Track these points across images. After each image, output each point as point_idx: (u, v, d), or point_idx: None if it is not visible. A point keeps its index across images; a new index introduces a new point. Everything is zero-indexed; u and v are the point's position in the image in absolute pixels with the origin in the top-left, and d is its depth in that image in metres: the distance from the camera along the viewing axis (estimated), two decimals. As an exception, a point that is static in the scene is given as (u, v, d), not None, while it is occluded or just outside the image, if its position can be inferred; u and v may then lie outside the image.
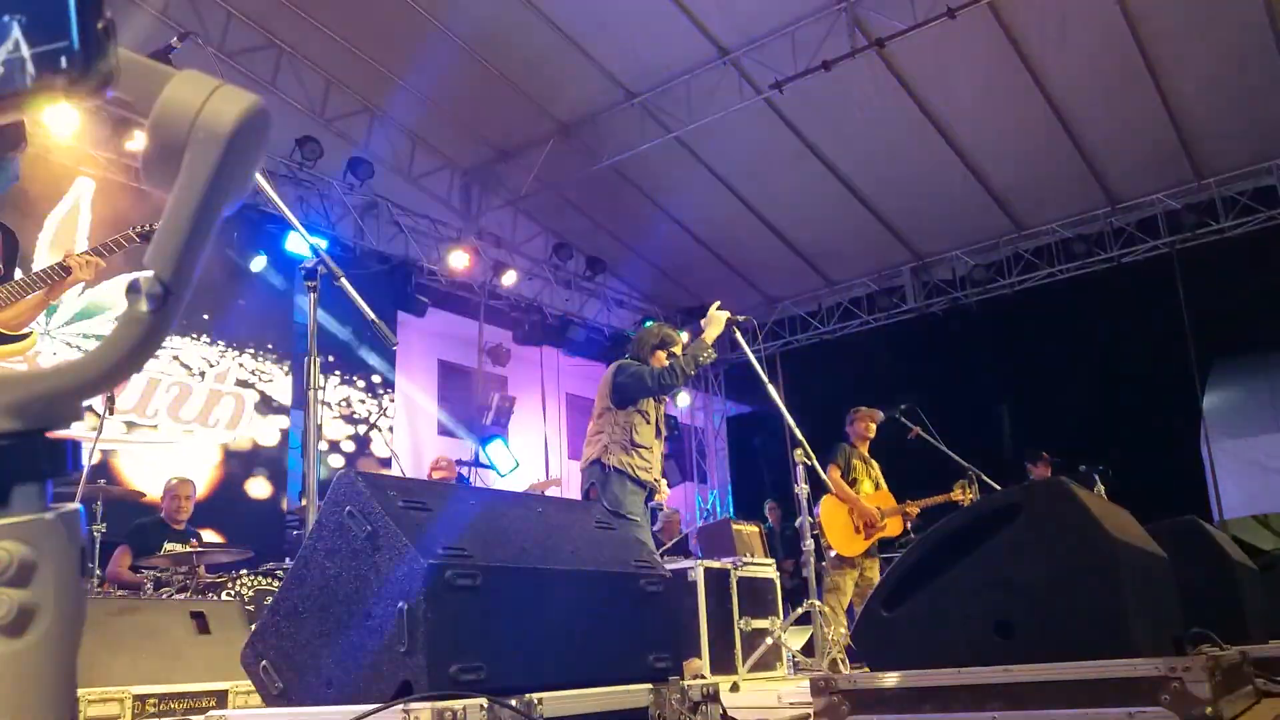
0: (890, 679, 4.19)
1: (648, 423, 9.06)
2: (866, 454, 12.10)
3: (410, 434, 17.68)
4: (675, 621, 4.68)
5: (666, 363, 9.08)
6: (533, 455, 19.42)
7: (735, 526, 12.14)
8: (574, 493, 10.82)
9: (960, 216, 18.26)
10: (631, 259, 19.96)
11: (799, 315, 21.73)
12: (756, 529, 12.46)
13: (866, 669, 4.37)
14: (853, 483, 11.77)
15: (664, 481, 9.17)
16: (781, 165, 16.83)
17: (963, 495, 11.74)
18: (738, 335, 9.06)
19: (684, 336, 10.22)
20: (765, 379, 8.83)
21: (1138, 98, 15.10)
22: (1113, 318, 18.14)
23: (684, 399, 22.59)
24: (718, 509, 22.57)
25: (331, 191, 16.10)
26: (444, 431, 18.35)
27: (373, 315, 5.47)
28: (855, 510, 11.55)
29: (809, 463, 8.90)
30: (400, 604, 3.54)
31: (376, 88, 15.49)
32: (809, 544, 8.82)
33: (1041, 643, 4.01)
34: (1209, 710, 3.59)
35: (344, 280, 5.52)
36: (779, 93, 14.40)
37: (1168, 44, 14.11)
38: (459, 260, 17.48)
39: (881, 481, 12.11)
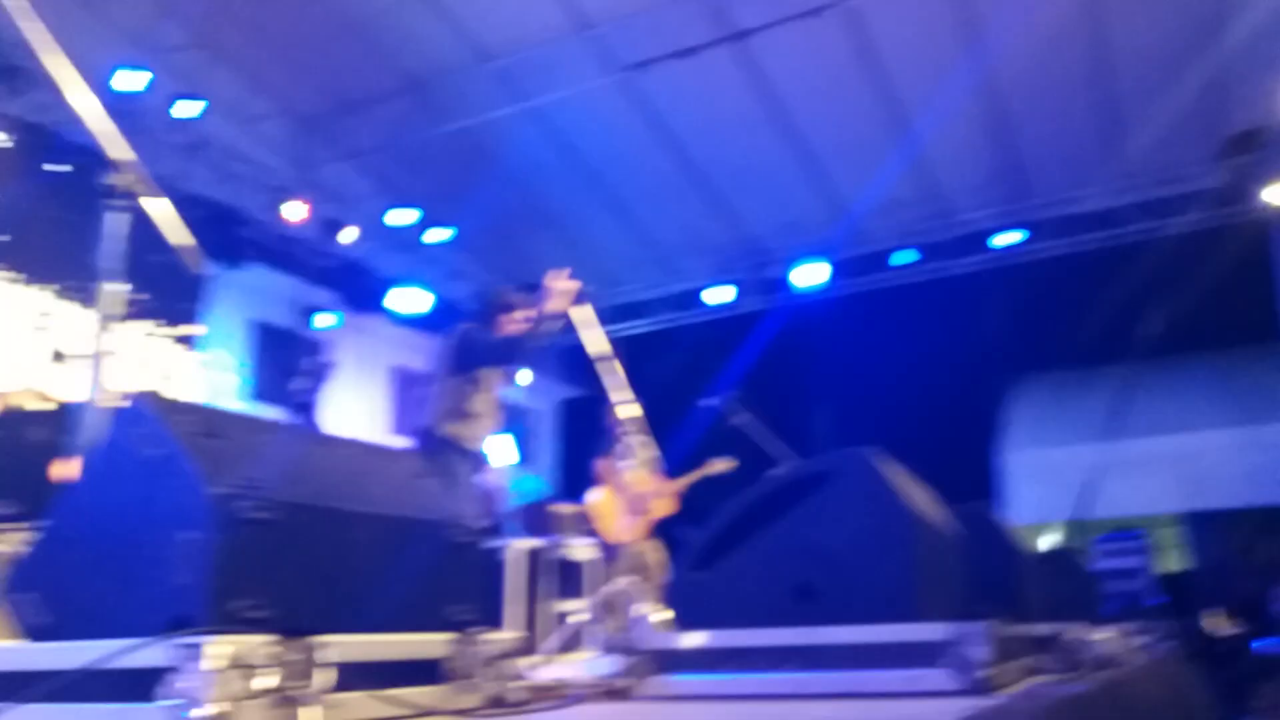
0: (691, 639, 4.20)
1: (483, 392, 8.69)
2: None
3: (215, 397, 16.38)
4: (485, 576, 4.63)
5: (514, 330, 8.72)
6: (349, 430, 17.49)
7: (555, 508, 12.03)
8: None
9: (805, 219, 18.38)
10: (474, 228, 19.13)
11: (639, 301, 21.60)
12: (578, 510, 12.33)
13: (676, 634, 4.40)
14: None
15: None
16: (635, 148, 16.69)
17: (724, 466, 11.93)
18: (582, 310, 8.72)
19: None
20: (606, 357, 8.60)
21: (978, 117, 15.34)
22: (930, 329, 18.58)
23: (525, 375, 22.02)
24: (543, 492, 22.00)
25: (151, 125, 14.55)
26: (255, 397, 17.11)
27: (182, 240, 5.19)
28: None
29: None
30: (183, 534, 3.40)
31: (211, 22, 14.55)
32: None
33: (839, 606, 4.10)
34: (984, 674, 3.83)
35: (150, 200, 5.14)
36: (638, 73, 14.24)
37: (1008, 66, 14.33)
38: (294, 212, 16.38)
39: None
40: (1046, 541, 15.61)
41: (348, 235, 17.25)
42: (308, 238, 17.32)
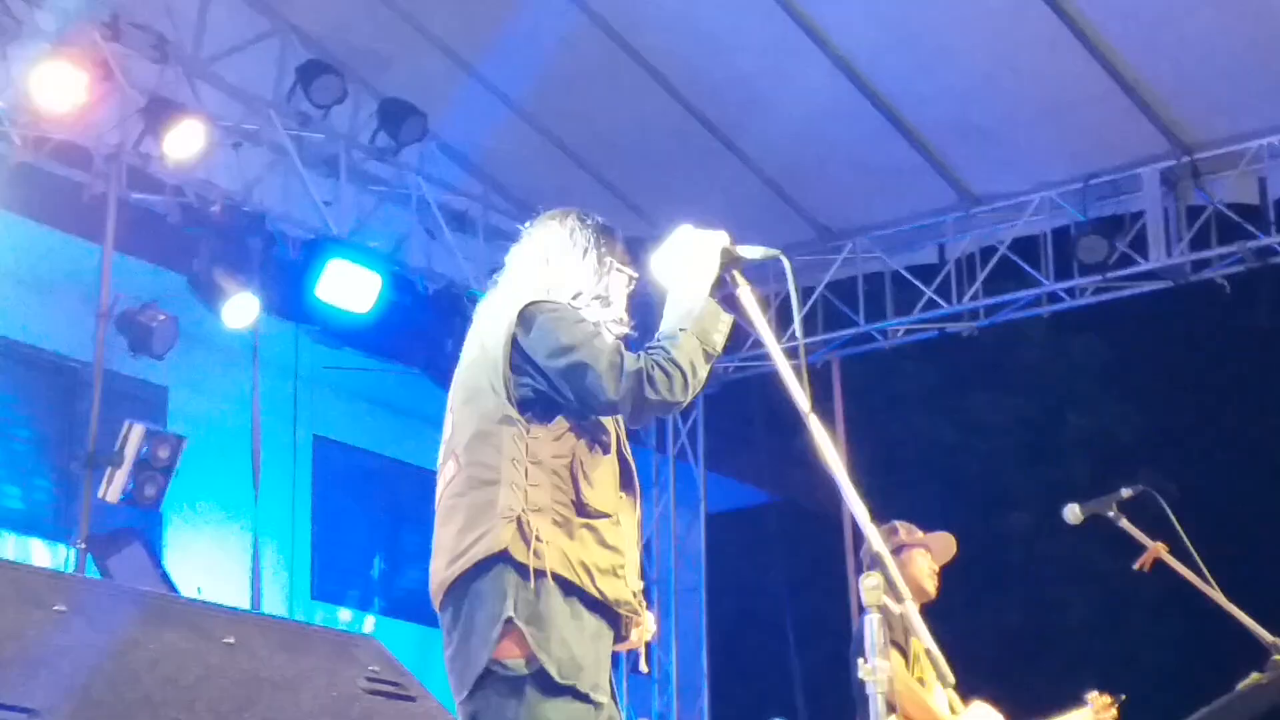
0: None
1: (605, 457, 3.75)
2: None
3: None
4: None
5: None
6: (230, 571, 10.59)
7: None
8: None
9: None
10: (477, 106, 10.87)
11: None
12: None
13: None
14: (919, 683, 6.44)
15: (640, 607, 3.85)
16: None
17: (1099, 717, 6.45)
18: (750, 295, 3.67)
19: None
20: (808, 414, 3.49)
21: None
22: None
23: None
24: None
25: None
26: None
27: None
28: None
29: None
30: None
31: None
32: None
33: None
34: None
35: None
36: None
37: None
38: (67, 82, 8.56)
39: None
40: None
41: (188, 140, 9.13)
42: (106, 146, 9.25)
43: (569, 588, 3.50)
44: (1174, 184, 10.54)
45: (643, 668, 3.88)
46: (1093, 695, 6.55)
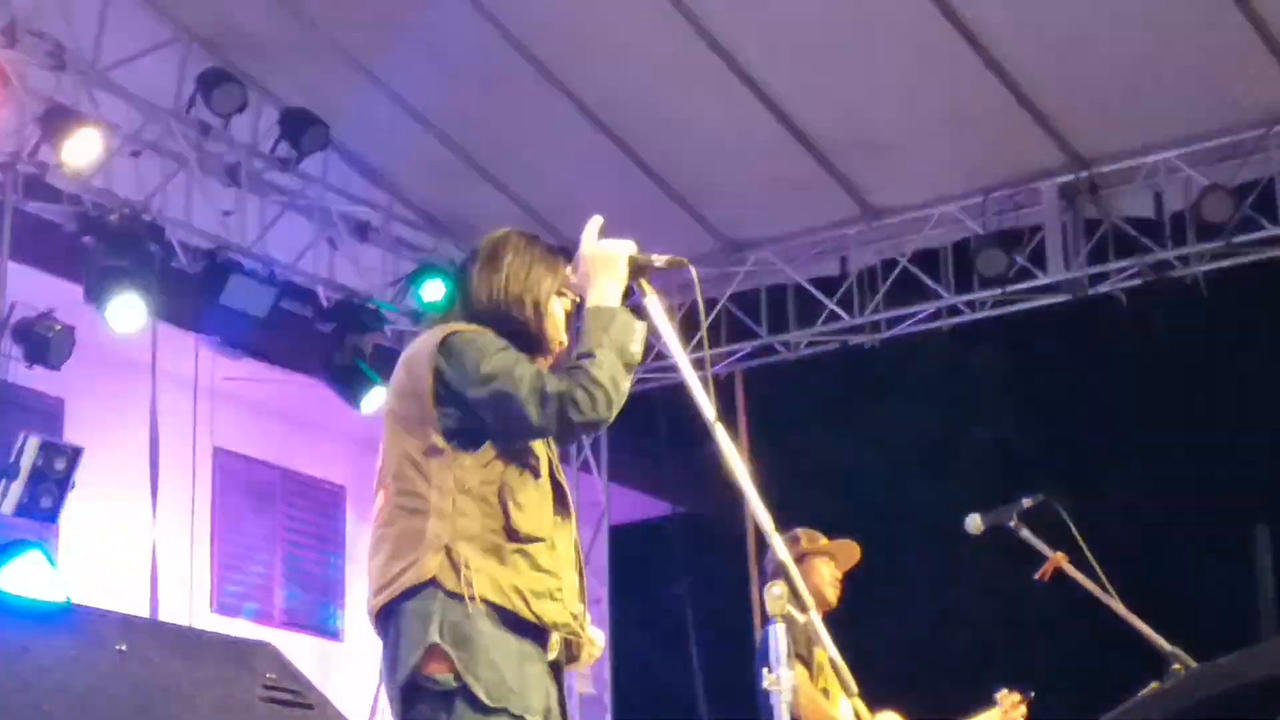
0: None
1: (535, 480, 3.71)
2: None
3: None
4: None
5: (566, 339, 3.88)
6: (128, 584, 10.04)
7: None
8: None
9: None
10: (380, 116, 10.82)
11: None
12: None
13: None
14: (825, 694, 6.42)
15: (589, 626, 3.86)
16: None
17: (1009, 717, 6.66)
18: (657, 303, 3.67)
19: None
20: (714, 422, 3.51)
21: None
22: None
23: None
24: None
25: None
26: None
27: None
28: None
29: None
30: None
31: None
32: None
33: None
34: None
35: None
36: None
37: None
38: None
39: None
40: None
41: (84, 148, 9.10)
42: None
43: (501, 613, 3.51)
44: (1072, 198, 10.66)
45: (588, 689, 3.87)
46: (1002, 694, 6.70)
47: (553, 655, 3.66)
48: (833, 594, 6.70)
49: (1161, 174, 10.43)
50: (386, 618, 3.59)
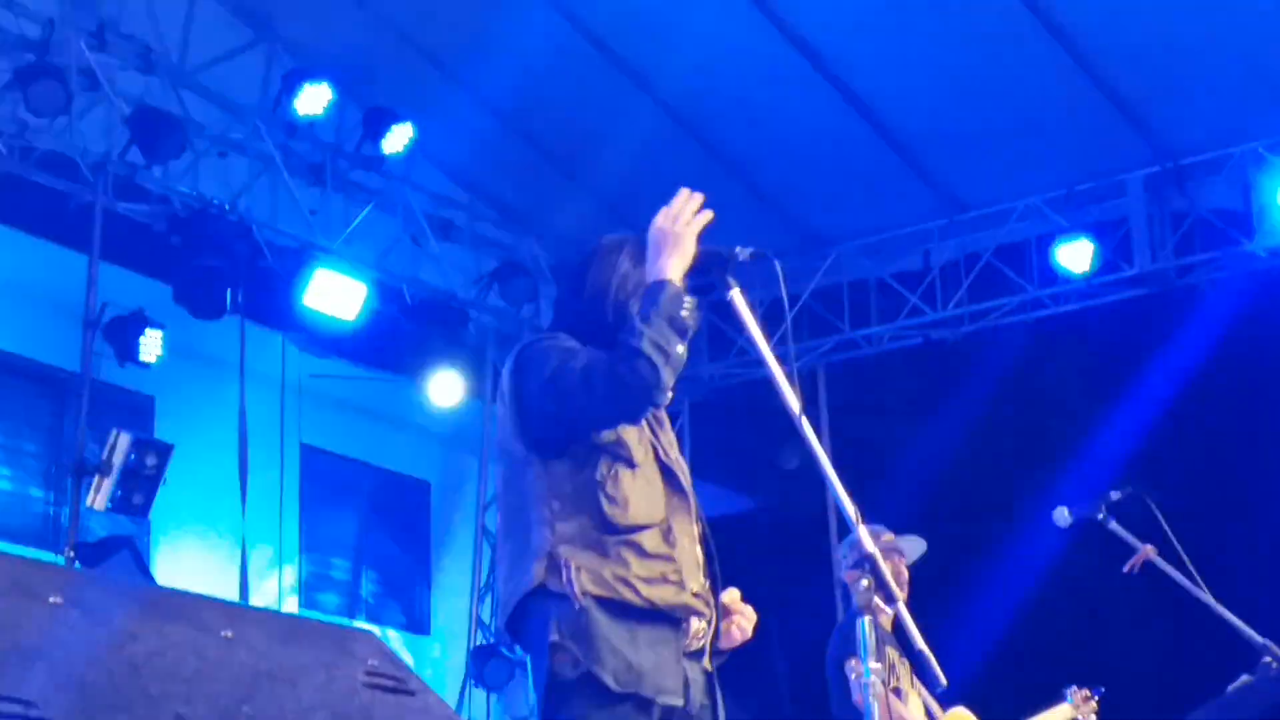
0: None
1: (631, 470, 3.71)
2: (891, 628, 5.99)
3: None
4: None
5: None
6: (218, 579, 10.29)
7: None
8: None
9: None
10: (461, 114, 10.90)
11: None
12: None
13: None
14: (896, 693, 6.20)
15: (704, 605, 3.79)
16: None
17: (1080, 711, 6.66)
18: (740, 297, 3.71)
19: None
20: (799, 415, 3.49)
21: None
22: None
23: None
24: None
25: None
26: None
27: None
28: None
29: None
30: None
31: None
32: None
33: None
34: None
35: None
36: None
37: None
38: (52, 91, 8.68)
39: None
40: None
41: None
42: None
43: (612, 605, 3.57)
44: (1158, 190, 10.57)
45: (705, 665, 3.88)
46: (1072, 690, 6.72)
47: (697, 644, 3.72)
48: (899, 589, 6.66)
49: (1248, 164, 10.33)
50: (515, 633, 3.73)
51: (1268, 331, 11.63)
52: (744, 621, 3.88)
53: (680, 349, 3.60)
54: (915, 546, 6.84)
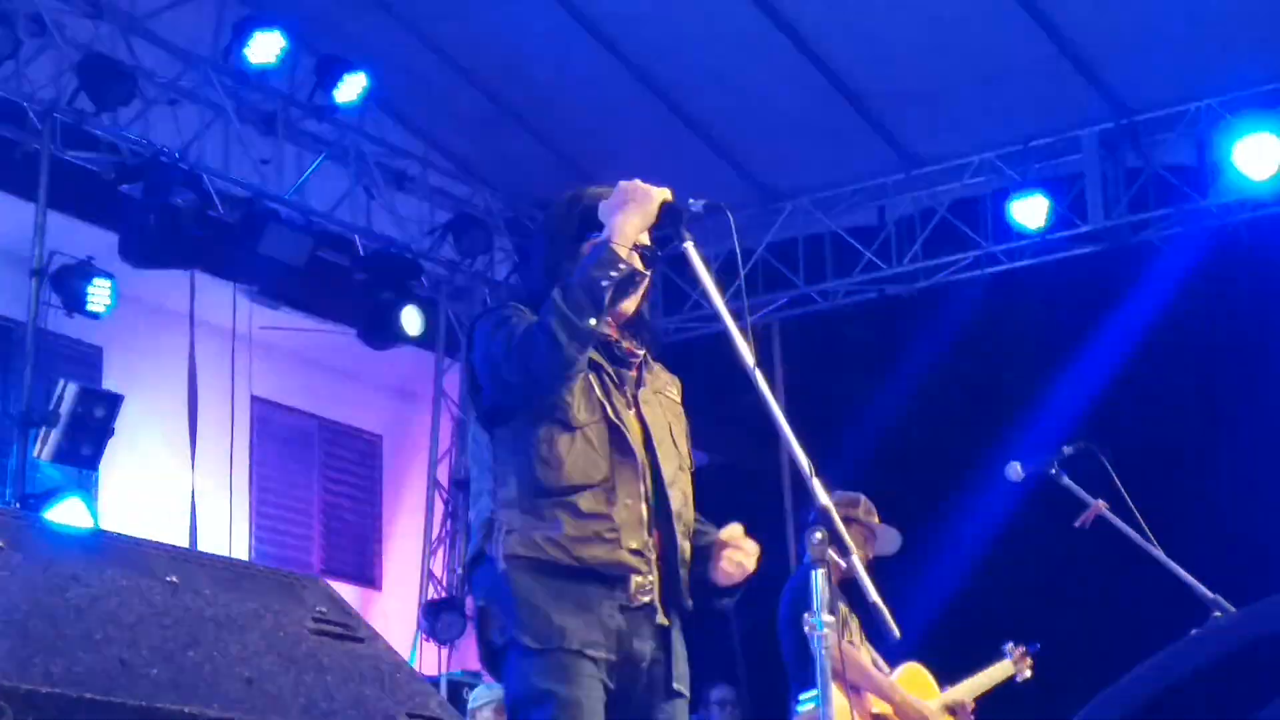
0: None
1: (569, 434, 3.70)
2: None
3: None
4: None
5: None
6: (167, 532, 9.29)
7: None
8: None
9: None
10: (417, 64, 10.80)
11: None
12: None
13: None
14: None
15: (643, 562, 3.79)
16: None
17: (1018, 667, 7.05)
18: (695, 250, 3.70)
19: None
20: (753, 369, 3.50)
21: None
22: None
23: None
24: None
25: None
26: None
27: None
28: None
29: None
30: None
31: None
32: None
33: None
34: None
35: None
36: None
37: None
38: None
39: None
40: None
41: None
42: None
43: (538, 565, 3.64)
44: (1113, 146, 10.57)
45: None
46: (1010, 646, 7.12)
47: (643, 599, 3.73)
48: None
49: (1201, 120, 10.33)
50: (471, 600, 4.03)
51: (1221, 288, 11.70)
52: (738, 555, 3.89)
53: (591, 322, 3.60)
54: (889, 538, 6.84)
